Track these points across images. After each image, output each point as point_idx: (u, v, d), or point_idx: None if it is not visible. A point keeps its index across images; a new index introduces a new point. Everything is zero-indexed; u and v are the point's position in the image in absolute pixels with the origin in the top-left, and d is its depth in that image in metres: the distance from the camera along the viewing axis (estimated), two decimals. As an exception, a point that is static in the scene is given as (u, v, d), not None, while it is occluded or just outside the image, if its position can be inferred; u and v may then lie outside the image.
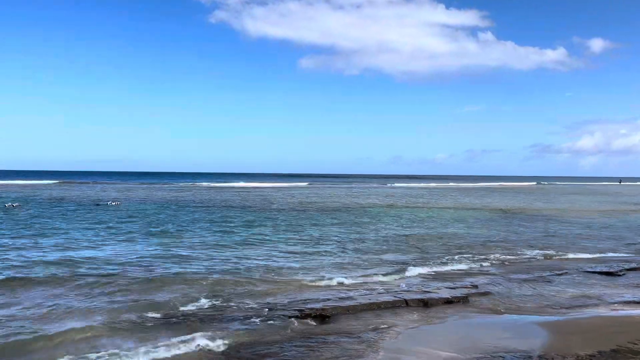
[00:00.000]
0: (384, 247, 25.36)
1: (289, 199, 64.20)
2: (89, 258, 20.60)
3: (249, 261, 20.78)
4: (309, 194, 78.77)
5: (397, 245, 25.81)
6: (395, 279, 18.06)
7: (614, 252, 25.02)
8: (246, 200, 61.52)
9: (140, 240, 26.09)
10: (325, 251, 23.65)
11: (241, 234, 28.84)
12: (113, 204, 51.24)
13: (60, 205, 48.37)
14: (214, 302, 14.56)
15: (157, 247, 23.67)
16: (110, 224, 32.48)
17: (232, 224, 33.72)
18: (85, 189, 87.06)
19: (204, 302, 14.50)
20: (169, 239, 26.57)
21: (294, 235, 28.97)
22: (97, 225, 31.64)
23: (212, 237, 27.66)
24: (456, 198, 74.07)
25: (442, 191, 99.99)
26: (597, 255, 23.93)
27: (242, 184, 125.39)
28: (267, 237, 27.68)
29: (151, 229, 30.45)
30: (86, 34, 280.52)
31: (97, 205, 49.43)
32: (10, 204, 46.72)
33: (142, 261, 20.26)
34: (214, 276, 17.88)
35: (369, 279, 17.97)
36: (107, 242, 24.98)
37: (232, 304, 14.35)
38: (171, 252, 22.31)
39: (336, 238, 28.10)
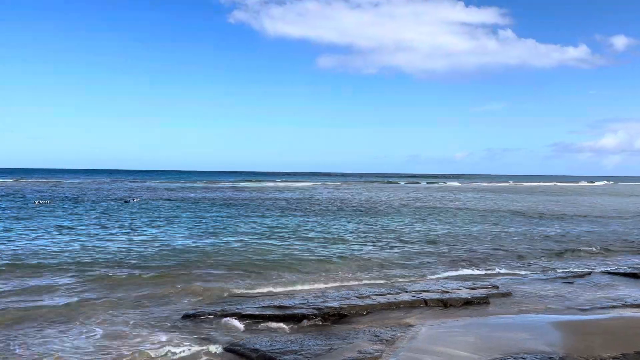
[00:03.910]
0: (406, 246, 25.22)
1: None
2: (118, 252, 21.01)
3: (271, 257, 20.97)
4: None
5: (419, 245, 25.66)
6: (415, 279, 17.97)
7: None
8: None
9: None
10: (346, 249, 23.64)
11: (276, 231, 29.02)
12: (136, 200, 52.26)
13: (89, 202, 49.18)
14: (232, 297, 14.68)
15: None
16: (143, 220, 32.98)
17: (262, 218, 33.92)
18: (103, 187, 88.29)
19: (224, 297, 14.63)
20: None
21: (317, 234, 29.01)
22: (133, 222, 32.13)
23: (248, 229, 27.92)
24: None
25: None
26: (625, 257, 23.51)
27: (280, 183, 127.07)
28: (289, 234, 27.79)
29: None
30: (92, 31, 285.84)
31: (126, 202, 50.49)
32: (38, 201, 48.23)
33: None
34: (233, 271, 18.05)
35: (388, 278, 17.92)
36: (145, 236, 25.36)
37: (251, 299, 14.44)
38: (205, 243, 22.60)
39: (357, 236, 28.05)
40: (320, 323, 12.61)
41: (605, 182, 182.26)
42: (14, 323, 12.17)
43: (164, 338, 11.36)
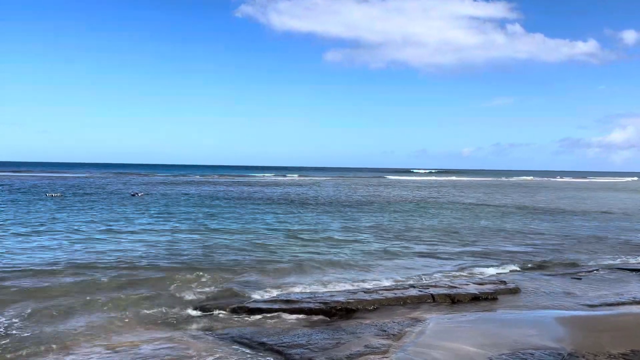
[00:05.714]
0: (415, 242, 25.16)
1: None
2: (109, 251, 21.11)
3: (280, 252, 21.01)
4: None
5: (429, 241, 25.60)
6: (422, 274, 17.92)
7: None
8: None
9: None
10: (355, 244, 23.63)
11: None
12: (142, 194, 52.70)
13: (96, 195, 49.47)
14: (240, 292, 14.70)
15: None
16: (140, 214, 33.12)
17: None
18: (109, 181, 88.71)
19: (232, 291, 14.67)
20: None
21: (325, 229, 29.00)
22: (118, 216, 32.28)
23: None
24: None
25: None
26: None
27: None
28: (298, 229, 27.82)
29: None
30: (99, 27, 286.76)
31: (132, 196, 51.00)
32: (51, 193, 49.39)
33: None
34: (240, 266, 18.09)
35: (397, 273, 17.89)
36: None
37: (259, 293, 14.48)
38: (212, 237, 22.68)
39: (366, 232, 28.04)
40: (328, 317, 12.62)
41: (631, 178, 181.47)
42: (23, 321, 12.25)
43: (171, 333, 11.39)
